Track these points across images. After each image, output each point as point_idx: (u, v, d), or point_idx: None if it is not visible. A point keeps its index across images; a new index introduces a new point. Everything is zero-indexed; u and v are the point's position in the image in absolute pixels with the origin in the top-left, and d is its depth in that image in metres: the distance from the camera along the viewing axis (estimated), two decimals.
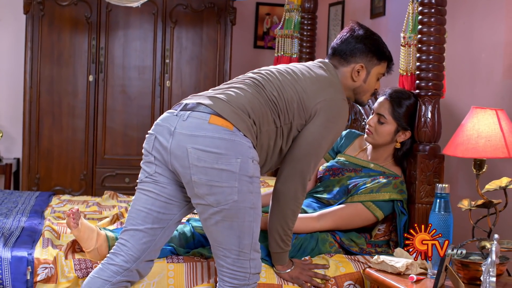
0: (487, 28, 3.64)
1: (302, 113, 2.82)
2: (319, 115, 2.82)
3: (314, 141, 2.83)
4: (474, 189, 2.98)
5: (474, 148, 2.84)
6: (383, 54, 3.03)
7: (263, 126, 2.74)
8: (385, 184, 3.27)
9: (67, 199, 4.59)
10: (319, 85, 2.86)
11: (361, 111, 3.95)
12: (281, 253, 2.95)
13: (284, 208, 2.87)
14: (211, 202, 2.58)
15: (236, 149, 2.59)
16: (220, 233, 2.63)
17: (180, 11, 6.00)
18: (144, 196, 2.72)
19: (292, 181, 2.85)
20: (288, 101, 2.79)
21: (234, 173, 2.58)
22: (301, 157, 2.84)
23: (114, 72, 5.97)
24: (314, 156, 2.86)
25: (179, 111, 2.66)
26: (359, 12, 5.26)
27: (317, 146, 2.84)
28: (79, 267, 2.88)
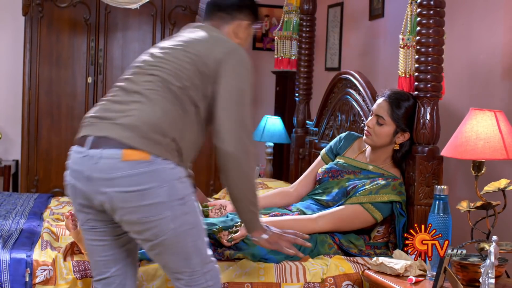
0: (486, 30, 3.64)
1: (207, 77, 2.58)
2: (223, 66, 2.58)
3: (233, 88, 2.59)
4: (473, 190, 2.98)
5: (473, 149, 2.84)
6: (255, 14, 2.89)
7: (185, 129, 2.55)
8: (384, 185, 3.27)
9: (66, 201, 4.58)
10: (210, 43, 2.65)
11: (360, 113, 3.96)
12: (254, 218, 2.71)
13: (243, 168, 2.58)
14: (148, 237, 2.46)
15: (159, 178, 2.42)
16: (167, 260, 2.52)
17: (179, 12, 6.00)
18: (94, 248, 2.62)
19: (235, 135, 2.56)
20: (192, 78, 2.56)
21: (163, 203, 2.43)
22: (230, 107, 2.57)
23: (113, 73, 5.97)
24: (241, 103, 2.59)
25: (88, 150, 2.46)
26: (358, 13, 5.26)
27: (239, 91, 2.59)
28: (78, 269, 2.89)
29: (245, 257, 3.04)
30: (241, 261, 3.02)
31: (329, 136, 4.47)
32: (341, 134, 3.74)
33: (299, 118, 5.00)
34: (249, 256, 3.04)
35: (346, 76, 4.21)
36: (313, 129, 4.77)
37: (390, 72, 4.52)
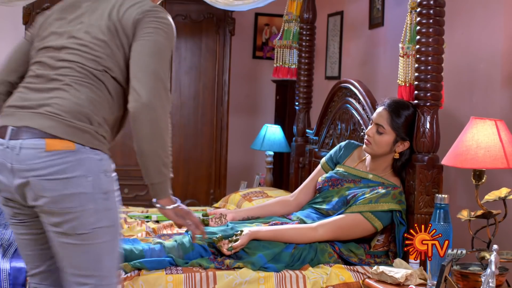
0: (485, 38, 3.65)
1: (128, 45, 2.45)
2: (140, 24, 2.45)
3: (149, 41, 2.43)
4: (473, 199, 2.98)
5: (473, 158, 2.84)
6: None
7: (110, 112, 2.45)
8: (384, 194, 3.27)
9: None
10: (125, 6, 2.49)
11: (360, 122, 3.96)
12: (164, 182, 2.53)
13: (157, 120, 2.40)
14: (65, 230, 2.33)
15: (84, 167, 2.32)
16: (77, 259, 2.36)
17: (179, 21, 6.01)
18: (26, 242, 2.52)
19: (150, 86, 2.38)
20: (113, 55, 2.44)
21: (86, 194, 2.32)
22: (144, 60, 2.41)
23: None
24: (157, 55, 2.42)
25: (9, 141, 2.33)
26: (358, 22, 5.27)
27: (155, 44, 2.42)
28: None
29: (245, 266, 3.04)
30: (241, 270, 3.01)
31: (329, 145, 4.47)
32: (341, 143, 3.74)
33: (299, 127, 5.01)
34: (249, 265, 3.04)
35: (346, 85, 4.21)
36: (313, 138, 4.77)
37: (390, 81, 4.53)
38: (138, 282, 2.89)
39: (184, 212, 2.62)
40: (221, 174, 6.02)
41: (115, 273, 2.43)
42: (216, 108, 6.00)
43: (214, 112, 5.99)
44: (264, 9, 5.82)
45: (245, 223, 3.38)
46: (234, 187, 6.12)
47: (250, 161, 6.72)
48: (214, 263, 3.05)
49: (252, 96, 6.82)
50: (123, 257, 3.00)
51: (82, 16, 2.51)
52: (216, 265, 3.04)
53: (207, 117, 6.00)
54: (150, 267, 2.96)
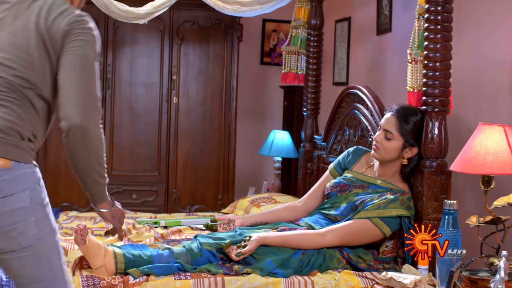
0: (493, 44, 3.65)
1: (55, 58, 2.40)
2: (68, 37, 2.39)
3: (77, 56, 2.39)
4: (482, 205, 2.97)
5: (482, 164, 2.84)
6: None
7: (38, 127, 2.43)
8: (392, 200, 3.27)
9: (74, 216, 4.59)
10: (52, 16, 2.40)
11: (368, 128, 3.96)
12: (103, 190, 2.57)
13: (91, 140, 2.40)
14: (12, 247, 2.30)
15: (20, 183, 2.31)
16: (29, 269, 2.34)
17: (187, 27, 6.03)
18: None
19: (81, 104, 2.37)
20: (39, 70, 2.39)
21: (25, 208, 2.31)
22: (73, 76, 2.38)
23: (121, 88, 5.99)
24: (86, 70, 2.40)
25: None
26: (365, 28, 5.27)
27: (83, 58, 2.40)
28: (87, 284, 2.89)
29: (253, 272, 3.04)
30: (249, 275, 3.02)
31: (337, 151, 4.47)
32: (349, 148, 3.74)
33: (307, 132, 5.01)
34: (258, 270, 3.04)
35: (354, 91, 4.21)
36: (321, 143, 4.77)
37: (397, 87, 4.53)
38: (146, 287, 2.90)
39: (119, 213, 2.68)
40: (229, 180, 6.03)
41: (65, 271, 2.45)
42: (224, 114, 6.01)
43: (222, 118, 6.00)
44: (271, 15, 5.84)
45: (254, 229, 3.38)
46: (242, 193, 6.13)
47: (258, 167, 6.73)
48: (223, 269, 3.05)
49: (260, 102, 6.82)
50: (132, 262, 3.01)
51: (2, 22, 2.42)
52: (224, 270, 3.04)
53: (215, 123, 6.01)
54: (159, 272, 2.96)
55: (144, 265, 3.00)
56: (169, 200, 5.96)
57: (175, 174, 5.95)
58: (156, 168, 5.92)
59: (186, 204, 5.98)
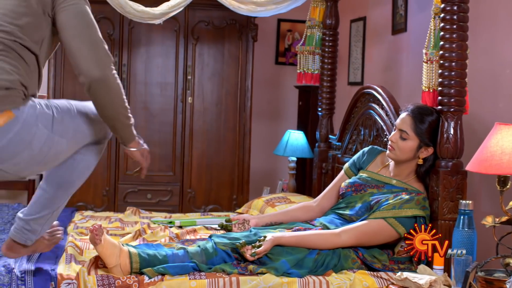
0: (510, 44, 3.63)
1: (44, 14, 2.63)
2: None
3: (76, 13, 2.63)
4: (498, 205, 2.96)
5: (498, 164, 2.83)
6: None
7: (27, 75, 2.64)
8: (408, 200, 3.26)
9: (89, 215, 4.61)
10: None
11: (383, 128, 3.95)
12: (130, 130, 2.90)
13: (112, 88, 2.70)
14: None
15: (30, 124, 2.59)
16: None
17: (202, 27, 6.04)
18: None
19: (95, 58, 2.64)
20: (24, 24, 2.60)
21: (48, 134, 2.66)
22: (79, 33, 2.62)
23: (136, 88, 6.00)
24: (88, 24, 2.66)
25: None
26: (381, 28, 5.26)
27: (82, 14, 2.65)
28: (102, 283, 2.90)
29: (268, 272, 3.04)
30: (264, 275, 3.02)
31: (352, 151, 4.47)
32: (364, 148, 3.74)
33: (322, 132, 5.01)
34: (272, 270, 3.04)
35: (369, 91, 4.21)
36: (336, 143, 4.77)
37: (413, 87, 4.51)
38: (161, 287, 2.90)
39: (147, 151, 2.98)
40: (244, 179, 6.03)
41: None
42: (239, 114, 6.01)
43: (236, 118, 6.00)
44: (286, 15, 5.83)
45: (268, 229, 3.38)
46: (256, 192, 6.13)
47: (272, 166, 6.73)
48: (238, 269, 3.05)
49: (274, 102, 6.82)
50: (147, 262, 3.02)
51: None
52: (239, 270, 3.05)
53: (230, 123, 6.02)
54: (174, 272, 2.97)
55: (159, 265, 3.01)
56: (184, 200, 5.98)
57: (190, 174, 5.97)
58: (171, 168, 5.93)
59: (201, 204, 5.99)
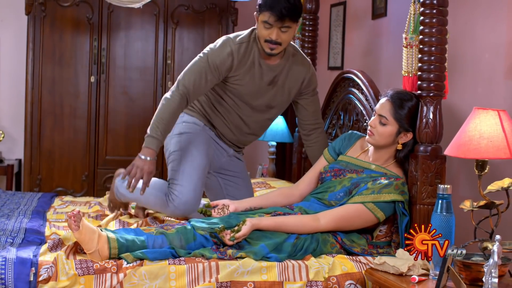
0: (489, 29, 3.64)
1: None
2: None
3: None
4: (476, 190, 2.98)
5: (476, 149, 2.84)
6: (262, 5, 3.58)
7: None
8: (387, 185, 3.27)
9: (69, 200, 4.59)
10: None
11: (363, 112, 3.95)
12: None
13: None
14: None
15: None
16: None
17: (182, 12, 6.00)
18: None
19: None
20: None
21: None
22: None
23: (115, 73, 5.97)
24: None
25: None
26: (361, 12, 5.25)
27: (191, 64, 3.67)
28: (80, 266, 2.89)
29: (247, 256, 3.04)
30: (243, 259, 3.02)
31: (332, 135, 4.47)
32: (344, 133, 3.74)
33: None
34: (251, 254, 3.04)
35: (349, 76, 4.21)
36: None
37: (393, 72, 4.52)
38: (140, 271, 2.90)
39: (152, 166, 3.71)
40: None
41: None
42: None
43: None
44: None
45: (248, 214, 3.38)
46: None
47: (252, 151, 6.72)
48: (217, 253, 3.05)
49: None
50: (125, 247, 3.01)
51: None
52: (218, 255, 3.04)
53: None
54: (152, 257, 2.96)
55: (137, 250, 3.00)
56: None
57: None
58: None
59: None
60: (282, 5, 3.51)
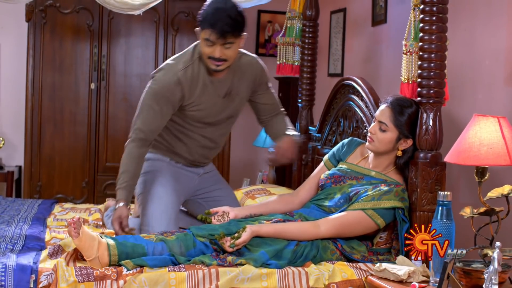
0: (488, 35, 3.64)
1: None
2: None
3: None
4: (476, 196, 2.98)
5: (476, 155, 2.84)
6: (202, 22, 3.42)
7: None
8: (387, 191, 3.27)
9: (69, 207, 4.59)
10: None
11: (363, 119, 3.96)
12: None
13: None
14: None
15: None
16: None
17: (182, 18, 6.01)
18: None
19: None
20: None
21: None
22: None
23: (115, 79, 5.97)
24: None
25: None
26: (361, 19, 5.27)
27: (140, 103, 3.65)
28: (80, 273, 2.89)
29: (247, 263, 3.04)
30: (243, 266, 3.01)
31: (332, 142, 4.47)
32: (344, 140, 3.74)
33: (301, 124, 5.00)
34: (251, 261, 3.04)
35: (349, 82, 4.21)
36: (316, 135, 4.77)
37: (392, 78, 4.52)
38: (140, 278, 2.90)
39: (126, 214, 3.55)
40: (224, 171, 6.03)
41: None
42: None
43: None
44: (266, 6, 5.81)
45: (248, 221, 3.38)
46: (236, 184, 6.12)
47: (252, 158, 6.72)
48: (217, 260, 3.05)
49: None
50: (125, 254, 3.01)
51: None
52: (218, 262, 3.04)
53: None
54: (152, 264, 2.96)
55: (137, 257, 3.00)
56: None
57: None
58: None
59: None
60: (223, 21, 3.37)
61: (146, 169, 3.71)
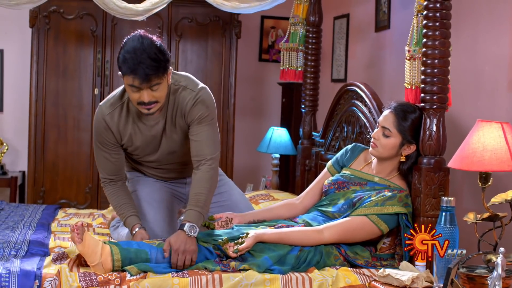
0: (492, 41, 3.65)
1: None
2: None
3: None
4: (479, 202, 2.98)
5: (479, 161, 2.84)
6: (122, 67, 3.17)
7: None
8: (390, 197, 3.27)
9: (73, 213, 4.59)
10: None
11: (366, 125, 3.96)
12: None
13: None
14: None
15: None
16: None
17: (185, 24, 6.02)
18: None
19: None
20: None
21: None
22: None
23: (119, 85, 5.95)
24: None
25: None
26: (364, 25, 5.27)
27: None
28: (84, 279, 2.89)
29: (250, 268, 3.04)
30: (247, 272, 3.01)
31: (335, 148, 4.47)
32: (347, 145, 3.74)
33: (305, 129, 5.01)
34: (255, 267, 3.04)
35: (352, 88, 4.21)
36: (319, 140, 4.77)
37: (396, 84, 4.53)
38: (144, 284, 2.90)
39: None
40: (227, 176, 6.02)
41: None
42: (222, 111, 6.00)
43: (220, 115, 5.99)
44: (270, 12, 5.82)
45: (251, 226, 3.38)
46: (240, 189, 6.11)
47: (256, 163, 6.73)
48: (220, 266, 3.05)
49: (258, 99, 6.82)
50: (128, 259, 3.01)
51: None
52: (221, 267, 3.04)
53: None
54: (156, 270, 2.96)
55: (141, 262, 3.00)
56: None
57: None
58: None
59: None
60: (144, 64, 3.11)
61: (128, 177, 3.71)
